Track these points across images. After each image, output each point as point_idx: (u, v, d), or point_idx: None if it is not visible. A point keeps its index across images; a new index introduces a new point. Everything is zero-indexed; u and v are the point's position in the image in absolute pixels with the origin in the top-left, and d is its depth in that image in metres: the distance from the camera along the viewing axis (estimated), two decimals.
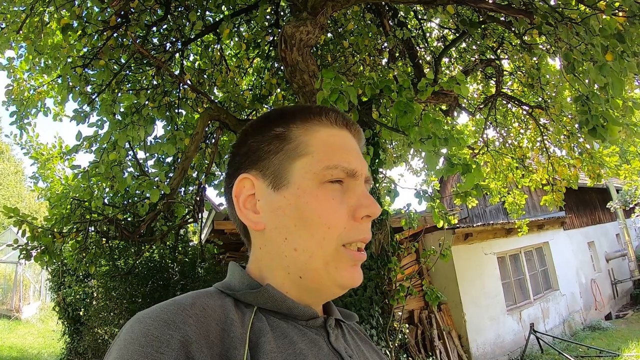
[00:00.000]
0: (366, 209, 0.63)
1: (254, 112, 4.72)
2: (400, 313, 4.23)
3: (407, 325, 6.20)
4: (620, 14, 2.47)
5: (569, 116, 4.97)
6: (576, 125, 4.75)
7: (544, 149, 5.99)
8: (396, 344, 4.01)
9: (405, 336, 5.93)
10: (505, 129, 6.63)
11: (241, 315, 0.57)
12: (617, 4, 2.48)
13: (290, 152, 0.64)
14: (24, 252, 3.60)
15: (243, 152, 0.69)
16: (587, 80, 2.67)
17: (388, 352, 3.25)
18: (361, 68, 4.72)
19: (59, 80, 3.86)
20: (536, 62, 4.52)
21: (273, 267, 0.64)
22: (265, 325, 0.57)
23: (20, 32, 3.43)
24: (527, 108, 5.75)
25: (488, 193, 7.04)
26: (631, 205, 11.42)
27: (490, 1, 3.55)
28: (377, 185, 3.99)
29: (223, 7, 4.32)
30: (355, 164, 0.65)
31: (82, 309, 6.75)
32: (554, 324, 9.04)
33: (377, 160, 3.65)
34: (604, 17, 2.48)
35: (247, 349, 0.51)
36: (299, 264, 0.61)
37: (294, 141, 0.65)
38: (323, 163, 0.63)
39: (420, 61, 4.98)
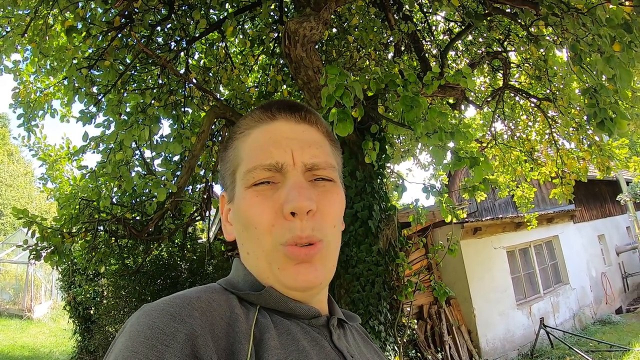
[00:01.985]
0: (289, 204, 0.57)
1: None
2: (408, 309, 4.22)
3: (415, 321, 6.18)
4: (627, 3, 2.42)
5: (577, 108, 4.91)
6: (585, 118, 4.69)
7: (553, 142, 5.94)
8: (404, 340, 4.00)
9: (414, 332, 5.92)
10: (514, 121, 6.58)
11: (246, 312, 0.57)
12: None
13: (233, 162, 0.67)
14: (34, 252, 3.64)
15: (220, 172, 0.74)
16: (594, 72, 2.63)
17: (396, 348, 3.24)
18: (367, 63, 4.69)
19: (65, 82, 3.88)
20: (543, 53, 4.47)
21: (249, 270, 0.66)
22: (269, 321, 0.57)
23: (25, 35, 3.45)
24: (535, 100, 5.69)
25: (497, 187, 6.99)
26: None
27: None
28: (385, 180, 3.97)
29: (227, 4, 4.31)
30: (280, 157, 0.61)
31: (93, 308, 6.82)
32: (564, 319, 8.98)
33: (384, 155, 3.63)
34: (610, 7, 2.44)
35: (251, 344, 0.51)
36: (253, 267, 0.63)
37: (234, 151, 0.67)
38: (246, 167, 0.63)
39: (427, 55, 4.94)
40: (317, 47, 3.79)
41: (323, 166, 0.63)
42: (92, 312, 6.84)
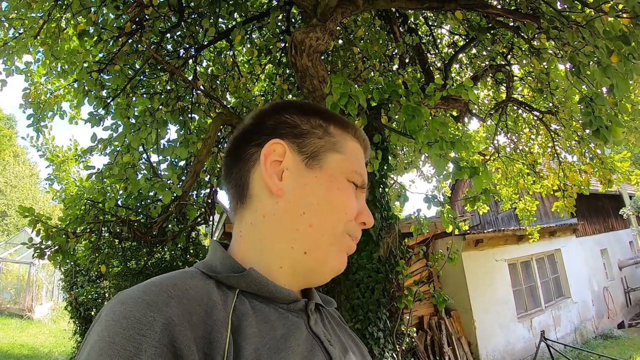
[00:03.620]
0: (365, 217, 0.71)
1: None
2: (408, 317, 4.24)
3: (414, 329, 6.18)
4: (624, 15, 2.47)
5: (579, 121, 4.95)
6: (586, 131, 4.72)
7: (555, 155, 5.97)
8: (403, 347, 4.01)
9: (413, 340, 5.92)
10: (516, 134, 6.61)
11: (223, 298, 0.56)
12: (620, 6, 2.49)
13: (330, 144, 0.70)
14: (38, 251, 3.68)
15: (276, 121, 0.70)
16: (592, 82, 2.68)
17: (395, 355, 3.26)
18: (371, 74, 4.76)
19: (75, 85, 3.95)
20: (545, 66, 4.52)
21: (275, 240, 0.64)
22: (247, 308, 0.57)
23: (38, 37, 3.52)
24: (537, 113, 5.73)
25: (499, 199, 7.00)
26: None
27: (498, 6, 3.57)
28: (387, 190, 4.01)
29: (235, 14, 4.39)
30: (366, 180, 0.74)
31: (94, 309, 6.85)
32: (565, 332, 8.93)
33: (385, 165, 3.68)
34: (608, 19, 2.49)
35: (229, 332, 0.51)
36: (309, 240, 0.64)
37: (334, 137, 0.71)
38: (353, 166, 0.70)
39: (431, 67, 5.00)
40: (322, 57, 3.86)
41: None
42: (93, 313, 6.87)
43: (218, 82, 4.54)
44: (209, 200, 4.08)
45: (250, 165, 0.68)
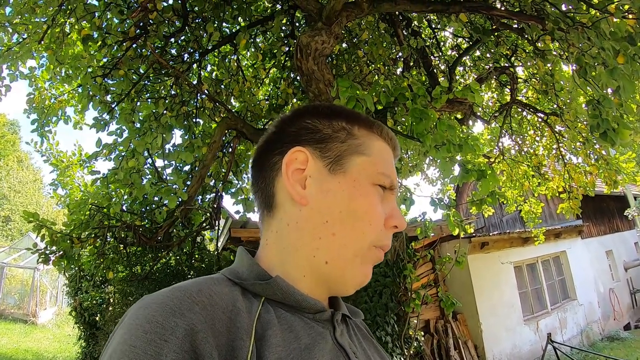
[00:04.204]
0: (396, 220, 0.68)
1: (270, 121, 4.77)
2: (415, 321, 4.21)
3: (422, 333, 6.15)
4: (630, 16, 2.46)
5: (584, 122, 4.93)
6: (592, 132, 4.70)
7: (560, 157, 5.94)
8: (411, 352, 3.99)
9: (421, 344, 5.89)
10: (521, 136, 6.59)
11: (248, 305, 0.56)
12: (626, 7, 2.47)
13: (354, 146, 0.68)
14: (43, 256, 3.67)
15: (298, 127, 0.70)
16: (598, 85, 2.66)
17: (403, 359, 3.24)
18: (376, 77, 4.75)
19: (80, 90, 3.95)
20: (550, 68, 4.50)
21: (297, 249, 0.64)
22: (272, 316, 0.56)
23: (42, 42, 3.53)
24: (542, 115, 5.71)
25: (504, 202, 6.98)
26: None
27: (502, 8, 3.56)
28: None
29: (239, 18, 4.39)
30: (395, 180, 0.71)
31: (99, 314, 6.84)
32: (571, 334, 8.89)
33: None
34: (614, 20, 2.48)
35: (253, 340, 0.51)
36: (331, 249, 0.63)
37: (358, 139, 0.69)
38: (379, 168, 0.68)
39: (435, 70, 4.99)
40: (327, 61, 3.85)
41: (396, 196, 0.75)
42: (97, 318, 6.86)
43: (222, 86, 4.54)
44: (215, 205, 4.07)
45: (274, 175, 0.68)
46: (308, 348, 0.55)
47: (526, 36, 3.91)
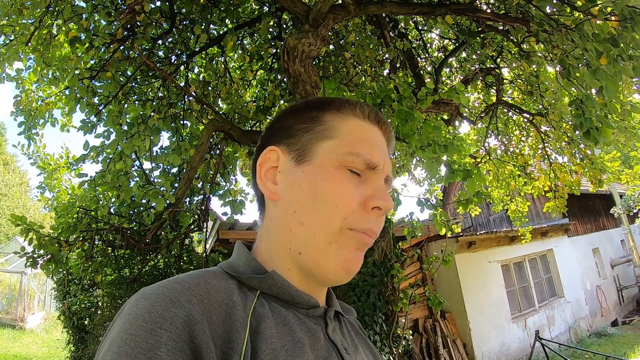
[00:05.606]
0: (377, 201, 0.63)
1: (258, 123, 4.78)
2: (404, 320, 4.24)
3: (410, 332, 6.19)
4: (613, 18, 2.52)
5: (569, 122, 5.01)
6: (575, 130, 4.78)
7: (546, 156, 6.03)
8: (399, 350, 4.02)
9: (409, 343, 5.93)
10: (507, 137, 6.67)
11: (244, 298, 0.57)
12: (609, 9, 2.53)
13: (319, 132, 0.67)
14: (30, 260, 3.64)
15: (276, 127, 0.72)
16: (581, 85, 2.72)
17: (392, 358, 3.27)
18: (362, 79, 4.78)
19: (67, 92, 3.92)
20: (535, 69, 4.58)
21: (278, 242, 0.65)
22: (267, 310, 0.57)
23: (29, 44, 3.50)
24: (527, 116, 5.80)
25: (491, 201, 7.05)
26: (635, 211, 11.39)
27: (488, 10, 3.62)
28: None
29: (227, 20, 4.40)
30: (378, 159, 0.66)
31: (87, 318, 6.78)
32: (559, 331, 9.01)
33: None
34: (597, 22, 2.53)
35: (247, 332, 0.52)
36: (301, 239, 0.63)
37: (324, 124, 0.68)
38: (347, 148, 0.64)
39: (421, 71, 5.04)
40: (314, 62, 3.88)
41: (390, 182, 0.71)
42: (86, 322, 6.80)
43: (210, 88, 4.53)
44: (202, 207, 4.06)
45: (255, 178, 0.71)
46: (301, 342, 0.57)
47: (511, 38, 3.97)
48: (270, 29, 4.47)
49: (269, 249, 0.67)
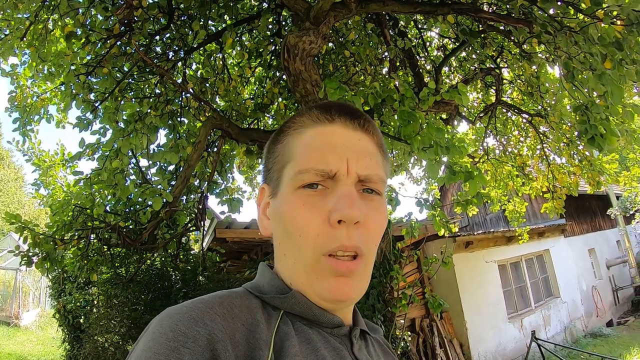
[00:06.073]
0: (339, 213, 0.57)
1: (256, 120, 4.74)
2: (402, 321, 4.22)
3: (409, 333, 6.18)
4: (619, 22, 2.49)
5: (569, 124, 5.00)
6: (575, 134, 4.77)
7: (544, 157, 6.02)
8: (398, 352, 4.00)
9: (408, 344, 5.92)
10: (505, 137, 6.66)
11: (268, 318, 0.57)
12: (615, 13, 2.50)
13: (282, 159, 0.65)
14: (25, 258, 3.60)
15: (264, 163, 0.73)
16: (586, 89, 2.69)
17: None
18: (362, 77, 4.75)
19: (62, 88, 3.87)
20: (535, 70, 4.55)
21: (280, 271, 0.66)
22: (290, 329, 0.57)
23: (24, 39, 3.45)
24: (526, 116, 5.78)
25: (488, 201, 7.04)
26: (631, 212, 11.45)
27: (490, 11, 3.59)
28: None
29: (226, 16, 4.35)
30: (335, 164, 0.60)
31: (83, 317, 6.72)
32: (555, 332, 9.03)
33: None
34: (602, 25, 2.51)
35: (271, 351, 0.52)
36: (288, 270, 0.63)
37: (286, 147, 0.66)
38: (297, 167, 0.61)
39: (421, 70, 5.01)
40: (314, 61, 3.83)
41: (374, 179, 0.63)
42: (82, 320, 6.74)
43: (208, 85, 4.49)
44: (200, 206, 4.02)
45: None
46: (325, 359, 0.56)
47: (513, 38, 3.94)
48: (270, 26, 4.42)
49: (279, 272, 0.67)
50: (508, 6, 3.37)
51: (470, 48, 4.94)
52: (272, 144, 0.70)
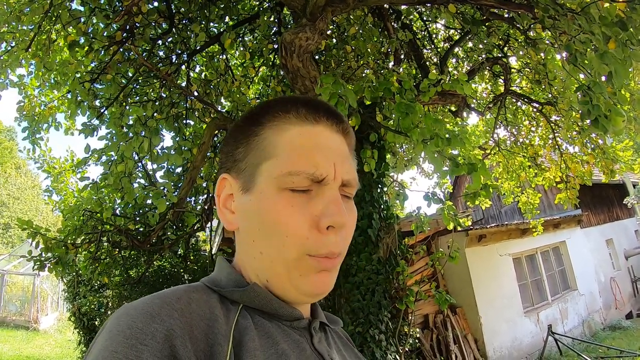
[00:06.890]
0: (328, 218, 0.58)
1: None
2: (412, 317, 4.19)
3: (418, 330, 6.12)
4: (620, 0, 2.42)
5: (579, 111, 4.90)
6: (583, 119, 4.68)
7: (556, 146, 5.92)
8: (406, 349, 3.97)
9: (417, 341, 5.86)
10: (516, 127, 6.57)
11: (226, 312, 0.56)
12: None
13: (259, 153, 0.62)
14: (38, 262, 3.67)
15: (225, 152, 0.69)
16: (589, 71, 2.61)
17: (398, 357, 3.22)
18: (365, 72, 4.71)
19: (69, 95, 3.93)
20: (542, 57, 4.47)
21: (248, 267, 0.64)
22: (249, 323, 0.56)
23: (29, 50, 3.51)
24: (536, 105, 5.69)
25: (499, 193, 6.94)
26: None
27: None
28: (385, 189, 3.96)
29: (226, 17, 4.36)
30: (324, 169, 0.60)
31: (97, 319, 6.84)
32: (572, 325, 8.86)
33: (383, 164, 3.63)
34: (604, 5, 2.43)
35: (230, 346, 0.51)
36: (265, 268, 0.61)
37: (264, 140, 0.63)
38: (285, 168, 0.59)
39: (427, 62, 4.96)
40: (316, 57, 3.82)
41: (353, 184, 0.64)
42: (96, 323, 6.86)
43: (211, 86, 4.51)
44: (206, 207, 4.04)
45: None
46: (285, 354, 0.55)
47: (517, 25, 3.87)
48: (270, 25, 4.42)
49: (245, 267, 0.65)
50: None
51: (477, 38, 4.87)
52: (242, 133, 0.66)
